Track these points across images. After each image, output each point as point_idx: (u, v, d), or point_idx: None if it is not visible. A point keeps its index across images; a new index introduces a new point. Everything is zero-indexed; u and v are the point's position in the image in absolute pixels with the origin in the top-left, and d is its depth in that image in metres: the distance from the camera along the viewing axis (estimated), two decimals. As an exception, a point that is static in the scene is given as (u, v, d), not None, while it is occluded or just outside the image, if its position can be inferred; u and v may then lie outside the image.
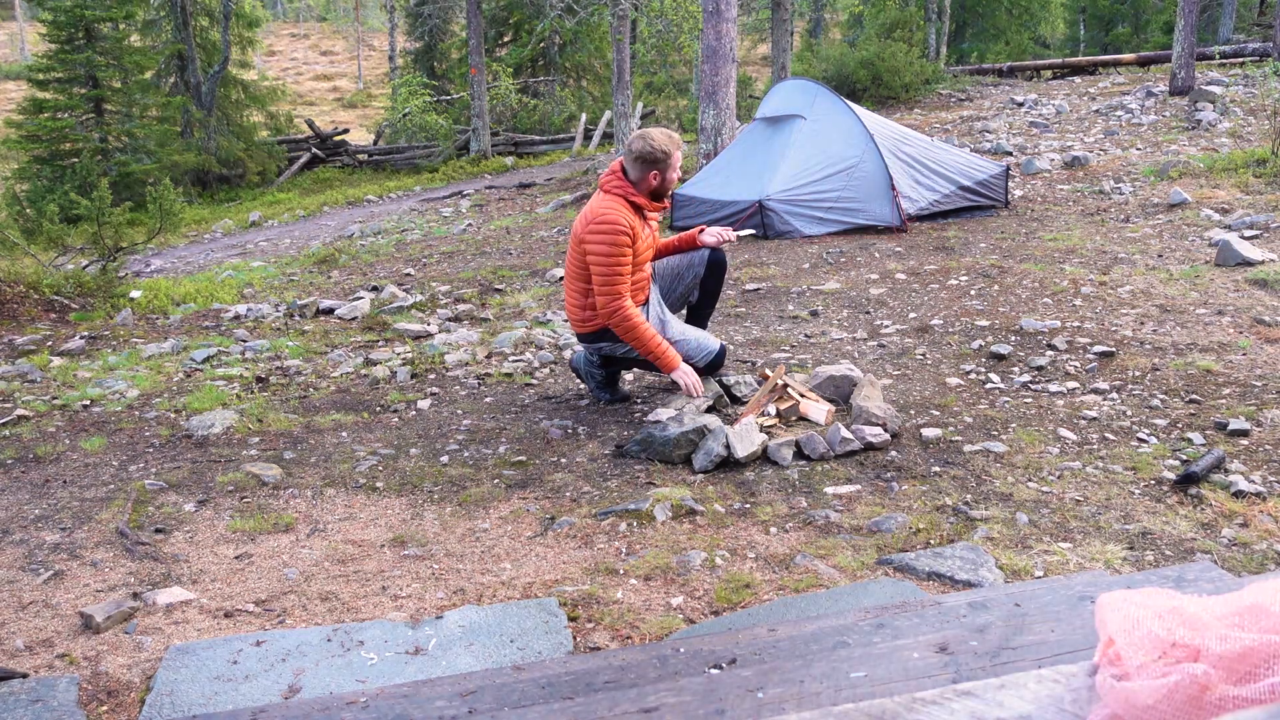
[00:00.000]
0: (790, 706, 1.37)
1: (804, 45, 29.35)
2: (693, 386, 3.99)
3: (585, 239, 3.95)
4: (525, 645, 2.45)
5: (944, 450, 3.61)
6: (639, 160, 3.95)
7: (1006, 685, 1.16)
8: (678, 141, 4.02)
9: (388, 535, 3.18)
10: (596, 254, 3.92)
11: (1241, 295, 5.46)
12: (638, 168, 3.97)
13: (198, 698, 2.26)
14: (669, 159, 3.96)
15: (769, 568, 2.81)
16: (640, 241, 4.01)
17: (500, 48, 25.17)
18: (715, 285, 4.43)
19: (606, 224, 3.90)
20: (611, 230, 3.89)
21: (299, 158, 21.78)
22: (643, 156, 3.94)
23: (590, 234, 3.93)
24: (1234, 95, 13.19)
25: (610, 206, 3.95)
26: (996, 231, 7.70)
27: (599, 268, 3.93)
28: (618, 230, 3.89)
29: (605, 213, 3.93)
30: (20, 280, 7.13)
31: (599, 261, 3.92)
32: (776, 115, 8.84)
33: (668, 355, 4.00)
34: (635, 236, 3.96)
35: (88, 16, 16.93)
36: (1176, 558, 2.79)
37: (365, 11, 45.67)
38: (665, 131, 4.01)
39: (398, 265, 8.89)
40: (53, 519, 3.38)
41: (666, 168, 3.97)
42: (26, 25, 40.39)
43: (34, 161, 17.16)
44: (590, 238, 3.93)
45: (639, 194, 4.00)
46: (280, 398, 4.78)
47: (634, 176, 4.00)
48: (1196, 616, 1.09)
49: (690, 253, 4.37)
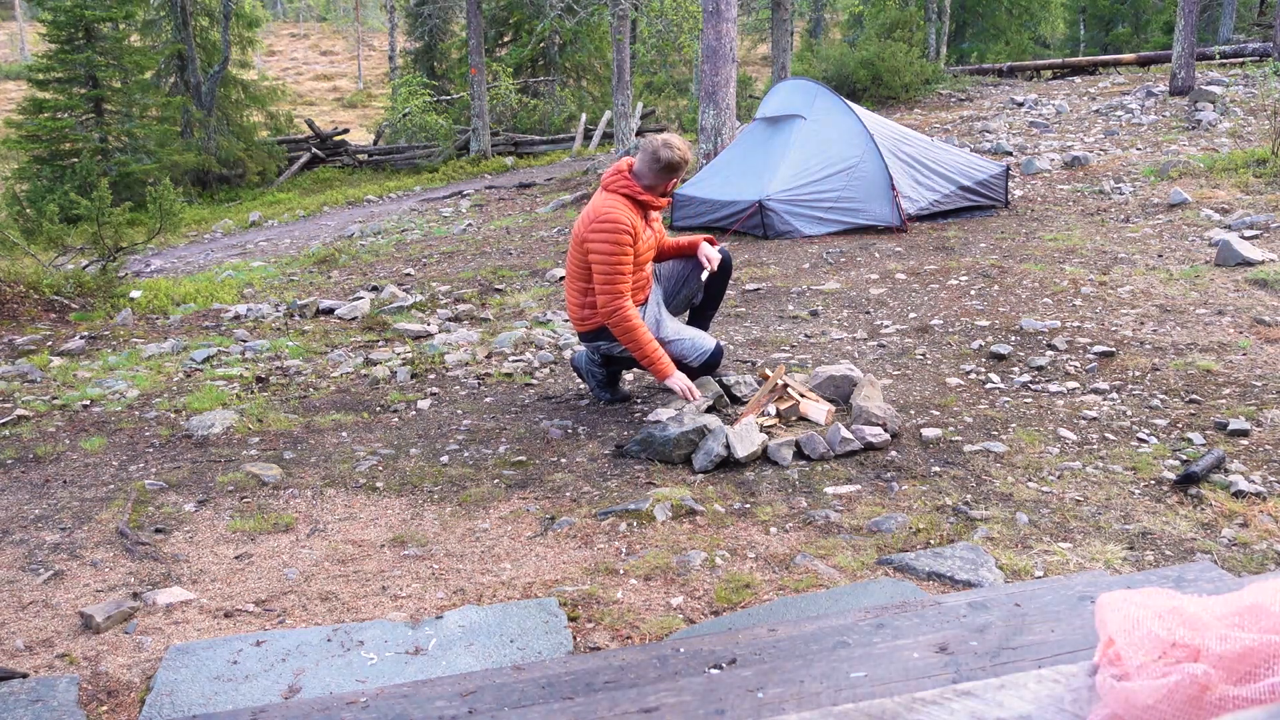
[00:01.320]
0: (790, 706, 1.37)
1: (804, 45, 29.35)
2: (687, 392, 3.99)
3: (587, 238, 3.96)
4: (525, 645, 2.45)
5: (944, 450, 3.61)
6: (666, 169, 3.97)
7: (1006, 685, 1.16)
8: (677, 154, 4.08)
9: (388, 535, 3.18)
10: (598, 252, 3.93)
11: (1241, 295, 5.46)
12: (659, 175, 3.99)
13: (198, 698, 2.26)
14: (687, 166, 4.07)
15: (769, 568, 2.81)
16: (641, 241, 4.02)
17: (500, 48, 25.17)
18: (720, 287, 4.43)
19: (609, 223, 3.91)
20: (614, 229, 3.90)
21: (299, 158, 21.77)
22: (670, 165, 3.97)
23: (592, 233, 3.94)
24: (1234, 95, 13.19)
25: (613, 205, 3.96)
26: (996, 231, 7.70)
27: (600, 266, 3.94)
28: (620, 229, 3.91)
29: (608, 211, 3.94)
30: (20, 280, 7.13)
31: (600, 260, 3.93)
32: (776, 115, 8.84)
33: (661, 363, 3.99)
34: (637, 235, 3.97)
35: (88, 16, 16.92)
36: (1176, 558, 2.79)
37: (365, 11, 45.68)
38: (685, 141, 4.08)
39: (398, 265, 8.89)
40: (53, 519, 3.38)
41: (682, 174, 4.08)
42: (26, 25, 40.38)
43: (34, 161, 17.15)
44: (592, 236, 3.94)
45: (647, 192, 4.02)
46: (280, 398, 4.78)
47: (649, 181, 4.01)
48: (1196, 616, 1.09)
49: (693, 256, 4.37)
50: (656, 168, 3.97)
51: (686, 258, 4.34)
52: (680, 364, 4.15)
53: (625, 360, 4.25)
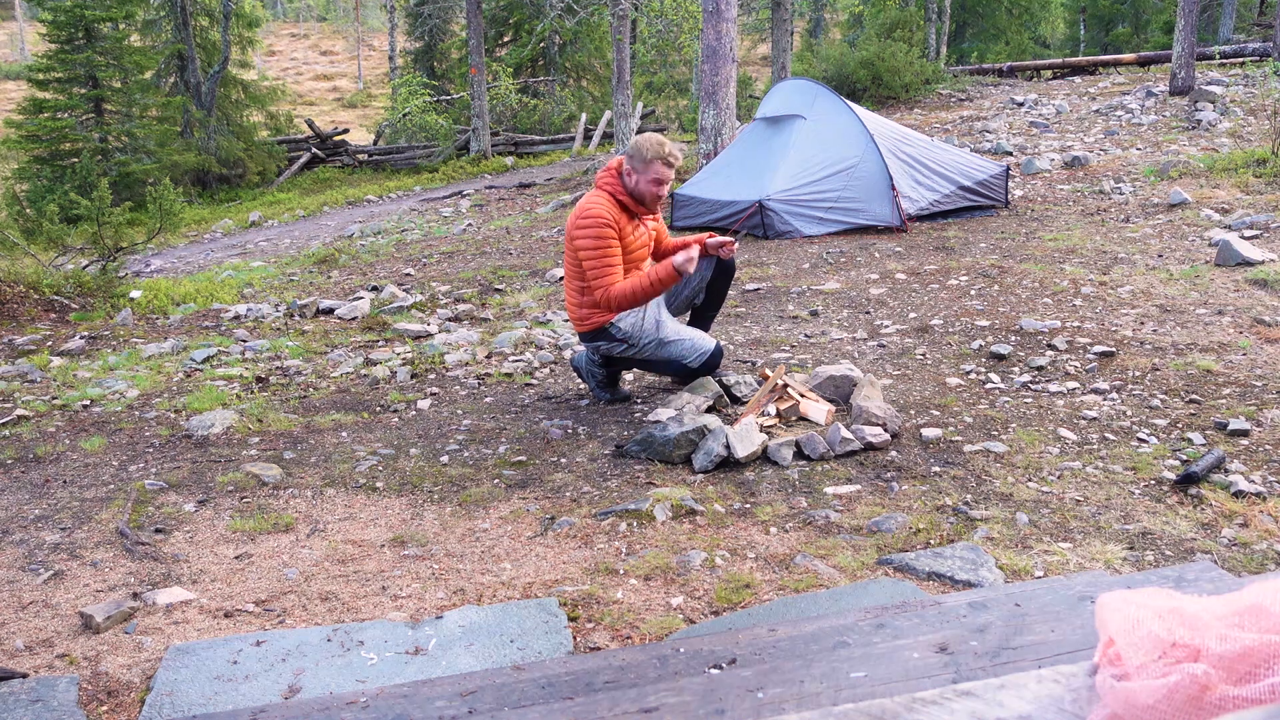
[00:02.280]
0: (790, 706, 1.37)
1: (804, 45, 29.37)
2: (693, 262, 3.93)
3: (574, 234, 4.03)
4: (525, 645, 2.45)
5: (944, 450, 3.61)
6: (637, 157, 4.00)
7: (1006, 685, 1.16)
8: (668, 152, 3.98)
9: (388, 535, 3.18)
10: (584, 248, 3.99)
11: (1241, 295, 5.46)
12: (636, 164, 4.01)
13: (198, 698, 2.26)
14: (646, 166, 3.97)
15: (769, 568, 2.81)
16: (629, 236, 4.05)
17: (500, 48, 25.18)
18: (722, 288, 4.44)
19: (590, 218, 3.98)
20: (595, 223, 3.96)
21: (299, 158, 21.77)
22: (640, 149, 3.99)
23: (577, 229, 4.01)
24: (1234, 95, 13.19)
25: (594, 201, 4.03)
26: (996, 231, 7.70)
27: (588, 260, 3.99)
28: (601, 223, 3.96)
29: (589, 207, 4.01)
30: (20, 280, 7.13)
31: (588, 255, 3.98)
32: (776, 115, 8.84)
33: (667, 273, 3.94)
34: (620, 229, 4.01)
35: (88, 16, 16.93)
36: (1176, 558, 2.79)
37: (365, 11, 45.69)
38: (658, 139, 4.00)
39: (398, 265, 8.89)
40: (53, 519, 3.38)
41: (644, 171, 3.98)
42: (26, 25, 40.39)
43: (34, 161, 17.16)
44: (577, 233, 4.01)
45: (628, 194, 4.05)
46: (280, 398, 4.78)
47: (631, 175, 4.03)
48: (1196, 616, 1.09)
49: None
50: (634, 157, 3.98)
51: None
52: (680, 364, 4.17)
53: (625, 360, 4.26)
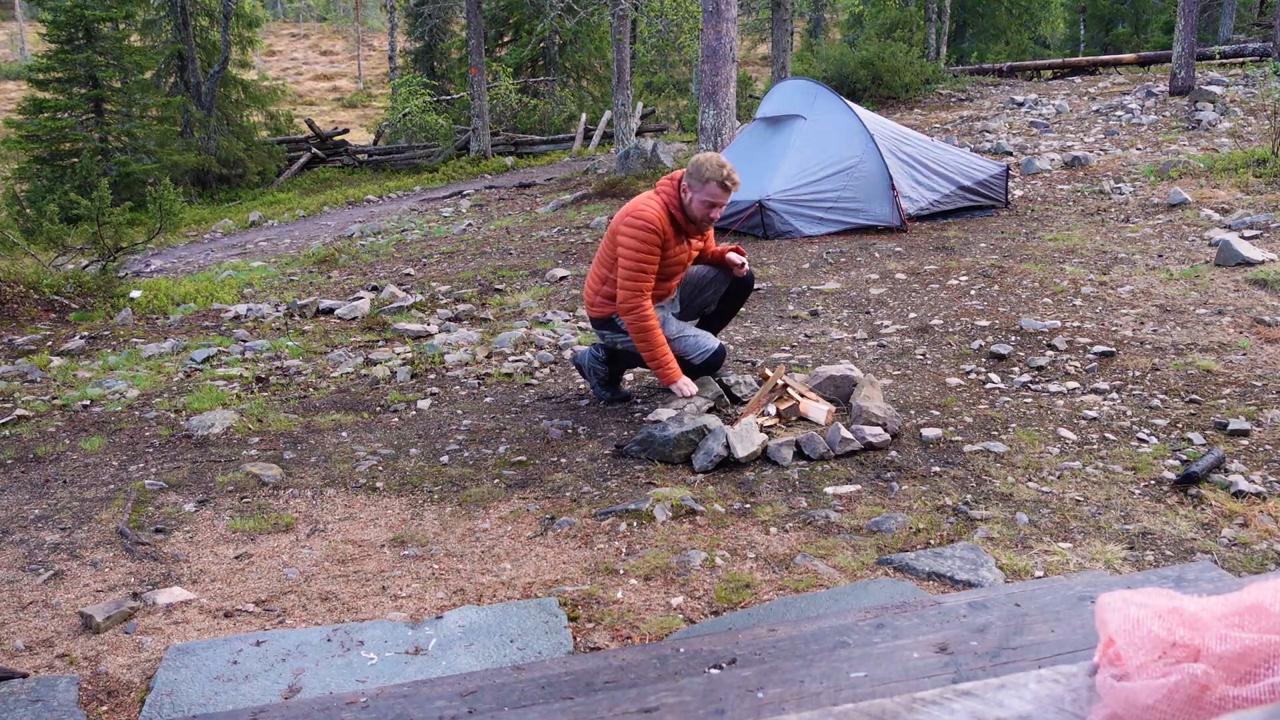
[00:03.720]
0: (790, 706, 1.37)
1: (804, 45, 29.37)
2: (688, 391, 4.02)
3: (620, 230, 4.01)
4: (525, 645, 2.45)
5: (944, 450, 3.61)
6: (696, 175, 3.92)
7: (1006, 685, 1.16)
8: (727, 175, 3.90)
9: (388, 535, 3.18)
10: (626, 246, 3.97)
11: (1241, 295, 5.46)
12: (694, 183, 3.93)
13: (198, 698, 2.26)
14: (703, 185, 3.90)
15: (769, 568, 2.81)
16: (671, 249, 4.03)
17: (500, 48, 25.18)
18: (737, 304, 4.48)
19: (641, 220, 3.94)
20: (644, 227, 3.93)
21: (299, 158, 21.77)
22: (698, 169, 3.91)
23: (625, 225, 3.99)
24: (1234, 95, 13.19)
25: (649, 203, 3.99)
26: (996, 231, 7.70)
27: (625, 260, 3.97)
28: (650, 229, 3.92)
29: (643, 209, 3.97)
30: (20, 280, 7.14)
31: (625, 256, 3.97)
32: (776, 115, 8.84)
33: (669, 366, 4.02)
34: (667, 239, 3.98)
35: (88, 16, 16.93)
36: (1176, 558, 2.79)
37: (365, 11, 45.69)
38: (720, 159, 3.92)
39: (398, 265, 8.89)
40: (53, 519, 3.38)
41: (699, 190, 3.92)
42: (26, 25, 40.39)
43: (34, 161, 17.15)
44: (624, 229, 3.98)
45: (682, 211, 4.00)
46: (280, 398, 4.78)
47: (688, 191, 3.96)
48: (1196, 616, 1.09)
49: (719, 266, 4.36)
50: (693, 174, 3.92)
51: (712, 264, 4.35)
52: (682, 361, 4.17)
53: (628, 356, 4.26)
